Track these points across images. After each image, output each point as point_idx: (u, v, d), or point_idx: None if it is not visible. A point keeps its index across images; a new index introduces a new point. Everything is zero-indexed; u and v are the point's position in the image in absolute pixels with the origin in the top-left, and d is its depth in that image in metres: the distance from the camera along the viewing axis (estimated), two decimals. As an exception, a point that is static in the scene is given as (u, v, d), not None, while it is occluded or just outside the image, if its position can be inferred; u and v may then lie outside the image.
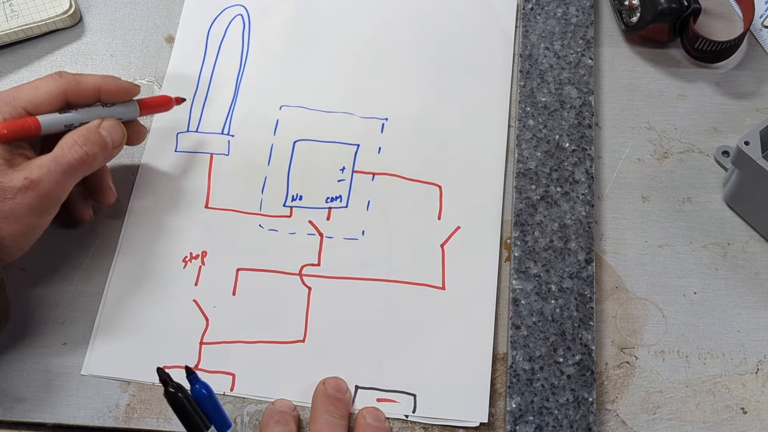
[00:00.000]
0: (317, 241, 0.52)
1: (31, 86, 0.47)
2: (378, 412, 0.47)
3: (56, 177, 0.45)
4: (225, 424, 0.42)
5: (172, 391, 0.40)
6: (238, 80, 0.59)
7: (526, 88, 0.57)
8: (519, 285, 0.50)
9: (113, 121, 0.49)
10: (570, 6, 0.60)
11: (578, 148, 0.54)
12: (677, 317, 0.50)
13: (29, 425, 0.47)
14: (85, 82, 0.48)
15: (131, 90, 0.51)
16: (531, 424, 0.46)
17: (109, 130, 0.48)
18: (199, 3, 0.62)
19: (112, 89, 0.50)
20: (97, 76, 0.49)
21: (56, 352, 0.49)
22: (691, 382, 0.49)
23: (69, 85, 0.48)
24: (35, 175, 0.44)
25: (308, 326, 0.50)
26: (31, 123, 0.46)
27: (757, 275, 0.52)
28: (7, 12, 0.59)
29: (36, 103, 0.47)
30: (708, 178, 0.55)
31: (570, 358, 0.47)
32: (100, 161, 0.48)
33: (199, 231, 0.53)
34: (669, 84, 0.58)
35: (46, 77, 0.48)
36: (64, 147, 0.46)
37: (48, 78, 0.48)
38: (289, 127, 0.57)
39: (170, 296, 0.51)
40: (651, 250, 0.52)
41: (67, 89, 0.48)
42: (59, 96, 0.47)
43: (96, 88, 0.49)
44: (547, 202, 0.52)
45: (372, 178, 0.55)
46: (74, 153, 0.46)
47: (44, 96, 0.47)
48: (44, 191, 0.45)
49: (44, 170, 0.45)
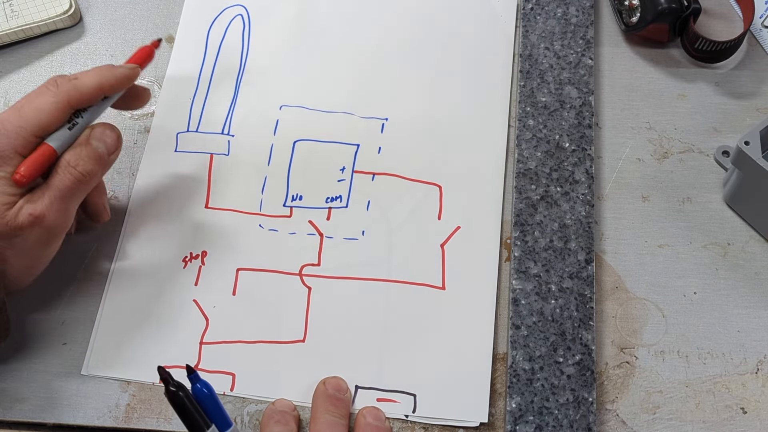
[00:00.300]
0: (317, 241, 0.52)
1: (33, 109, 0.44)
2: (378, 412, 0.47)
3: (57, 206, 0.44)
4: (226, 424, 0.42)
5: (173, 390, 0.40)
6: (238, 80, 0.59)
7: (526, 88, 0.57)
8: (519, 285, 0.50)
9: (102, 127, 0.47)
10: (570, 6, 0.60)
11: (578, 148, 0.54)
12: (677, 317, 0.50)
13: (29, 425, 0.47)
14: (84, 86, 0.46)
15: (132, 75, 0.48)
16: (531, 424, 0.46)
17: (101, 138, 0.46)
18: (199, 3, 0.62)
19: (113, 82, 0.47)
20: (93, 73, 0.47)
21: (56, 352, 0.49)
22: (691, 382, 0.49)
23: (70, 95, 0.45)
24: (39, 210, 0.43)
25: (308, 326, 0.50)
26: (48, 153, 0.44)
27: (757, 275, 0.52)
28: (7, 12, 0.59)
29: (44, 127, 0.44)
30: (708, 178, 0.55)
31: (570, 358, 0.47)
32: (99, 175, 0.47)
33: (199, 231, 0.53)
34: (669, 84, 0.58)
35: (43, 91, 0.45)
36: (59, 172, 0.44)
37: (47, 93, 0.45)
38: (289, 127, 0.57)
39: (170, 296, 0.51)
40: (651, 250, 0.52)
41: (69, 100, 0.45)
42: (64, 109, 0.45)
43: (97, 87, 0.46)
44: (547, 202, 0.52)
45: (372, 178, 0.55)
46: (69, 177, 0.44)
47: (49, 117, 0.44)
48: (50, 224, 0.44)
49: (46, 202, 0.43)
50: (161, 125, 0.57)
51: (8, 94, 0.58)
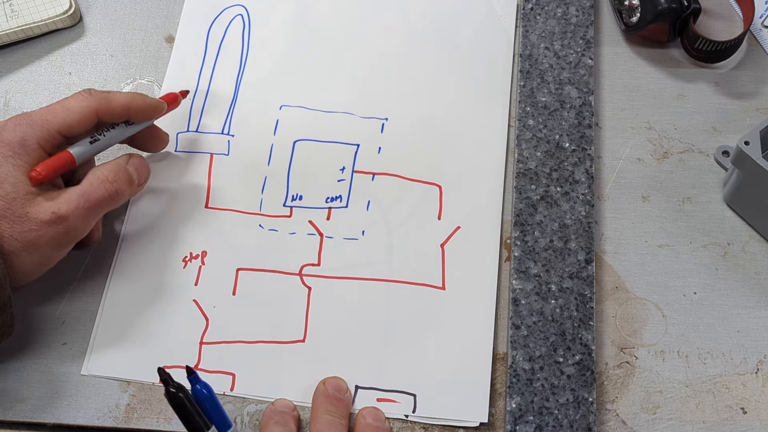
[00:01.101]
0: (317, 241, 0.52)
1: (63, 108, 0.46)
2: (378, 412, 0.47)
3: (83, 213, 0.45)
4: (225, 425, 0.42)
5: (172, 391, 0.40)
6: (238, 80, 0.59)
7: (526, 88, 0.57)
8: (519, 285, 0.50)
9: (141, 159, 0.50)
10: (570, 6, 0.60)
11: (578, 148, 0.54)
12: (677, 317, 0.50)
13: (29, 425, 0.47)
14: (116, 101, 0.48)
15: (159, 107, 0.51)
16: (531, 424, 0.46)
17: (137, 167, 0.49)
18: (199, 3, 0.62)
19: (141, 107, 0.49)
20: (125, 94, 0.49)
21: (56, 352, 0.49)
22: (691, 382, 0.49)
23: (100, 104, 0.47)
24: (63, 211, 0.44)
25: (308, 326, 0.50)
26: (67, 159, 0.45)
27: (757, 275, 0.52)
28: (7, 12, 0.59)
29: (69, 125, 0.46)
30: (708, 178, 0.55)
31: (570, 358, 0.47)
32: (126, 197, 0.48)
33: (199, 231, 0.53)
34: (669, 84, 0.58)
35: (76, 96, 0.47)
36: (93, 183, 0.46)
37: (78, 97, 0.47)
38: (289, 127, 0.57)
39: (170, 296, 0.51)
40: (651, 250, 0.52)
41: (98, 109, 0.47)
42: (91, 116, 0.46)
43: (126, 106, 0.48)
44: (547, 202, 0.52)
45: (372, 178, 0.55)
46: (103, 190, 0.46)
47: (77, 117, 0.46)
48: (70, 227, 0.45)
49: (72, 206, 0.44)
50: (161, 125, 0.57)
51: (8, 94, 0.58)
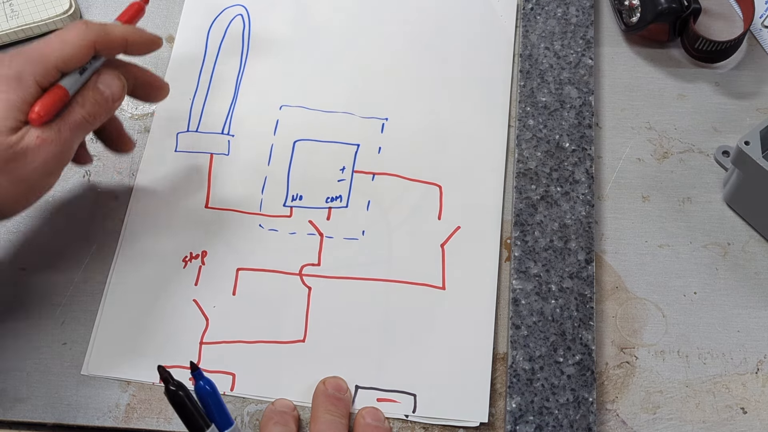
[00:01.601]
0: (317, 241, 0.52)
1: (60, 40, 0.44)
2: (378, 412, 0.47)
3: (65, 136, 0.44)
4: (227, 422, 0.42)
5: (172, 389, 0.40)
6: (238, 80, 0.59)
7: (526, 88, 0.57)
8: (519, 285, 0.50)
9: (110, 74, 0.47)
10: (570, 6, 0.60)
11: (578, 148, 0.54)
12: (677, 317, 0.50)
13: (29, 425, 0.47)
14: (113, 33, 0.46)
15: (156, 41, 0.50)
16: (531, 424, 0.46)
17: (108, 83, 0.47)
18: (199, 3, 0.62)
19: (138, 39, 0.48)
20: (122, 27, 0.47)
21: (56, 352, 0.49)
22: (691, 382, 0.49)
23: (98, 36, 0.45)
24: (47, 134, 0.43)
25: (308, 326, 0.50)
26: (62, 95, 0.44)
27: (757, 275, 0.52)
28: (7, 12, 0.59)
29: (67, 60, 0.44)
30: (708, 178, 0.55)
31: (570, 358, 0.47)
32: (103, 117, 0.47)
33: (199, 231, 0.53)
34: (669, 84, 0.58)
35: (71, 27, 0.45)
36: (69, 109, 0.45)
37: (75, 29, 0.45)
38: (289, 127, 0.57)
39: (170, 296, 0.51)
40: (651, 250, 0.52)
41: (96, 40, 0.45)
42: (88, 48, 0.45)
43: (123, 38, 0.47)
44: (547, 202, 0.52)
45: (372, 178, 0.55)
46: (77, 114, 0.45)
47: (75, 51, 0.44)
48: (54, 151, 0.44)
49: (54, 129, 0.44)
50: (161, 125, 0.57)
51: (8, 94, 0.58)
